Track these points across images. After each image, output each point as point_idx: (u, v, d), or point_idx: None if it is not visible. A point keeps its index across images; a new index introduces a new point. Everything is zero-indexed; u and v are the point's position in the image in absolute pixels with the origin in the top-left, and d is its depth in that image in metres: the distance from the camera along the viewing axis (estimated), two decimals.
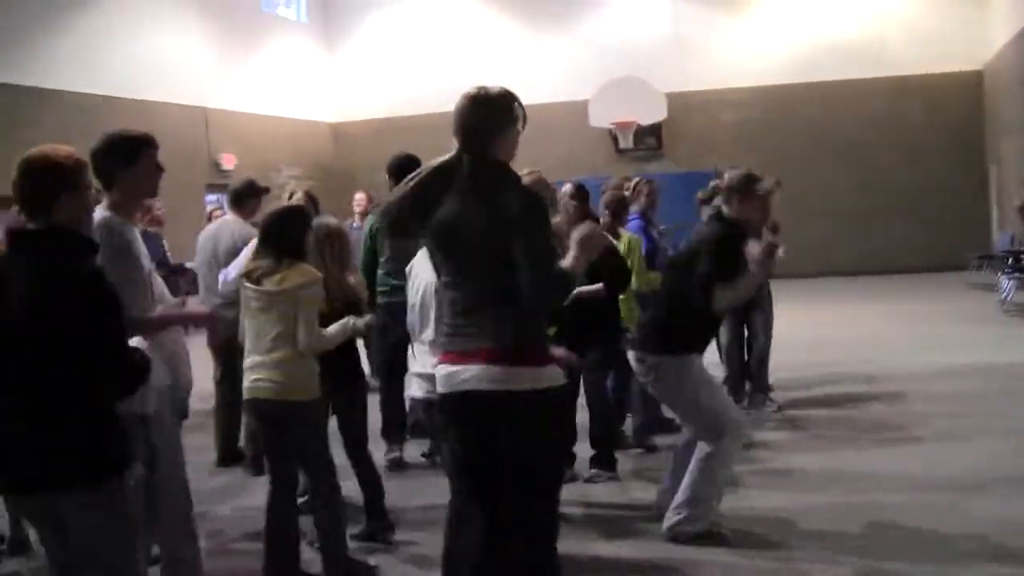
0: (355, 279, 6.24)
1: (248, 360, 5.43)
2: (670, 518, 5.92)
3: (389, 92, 23.51)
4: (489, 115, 3.90)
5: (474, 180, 3.85)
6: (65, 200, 3.57)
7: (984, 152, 21.07)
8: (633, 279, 7.53)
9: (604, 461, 7.28)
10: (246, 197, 8.20)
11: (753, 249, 5.63)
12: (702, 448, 5.87)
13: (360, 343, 6.26)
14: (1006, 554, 5.40)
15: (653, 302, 6.35)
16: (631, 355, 6.13)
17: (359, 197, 10.89)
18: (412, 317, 5.38)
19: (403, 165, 7.84)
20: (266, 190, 8.36)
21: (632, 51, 21.76)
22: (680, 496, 5.90)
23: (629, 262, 7.54)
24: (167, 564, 4.94)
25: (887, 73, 21.00)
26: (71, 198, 3.58)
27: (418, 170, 3.98)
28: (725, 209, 5.98)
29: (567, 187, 7.38)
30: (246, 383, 5.42)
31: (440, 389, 3.95)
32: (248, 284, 5.40)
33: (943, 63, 20.88)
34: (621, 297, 7.40)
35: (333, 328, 5.53)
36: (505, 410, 3.81)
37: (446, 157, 3.93)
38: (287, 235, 5.42)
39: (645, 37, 22.21)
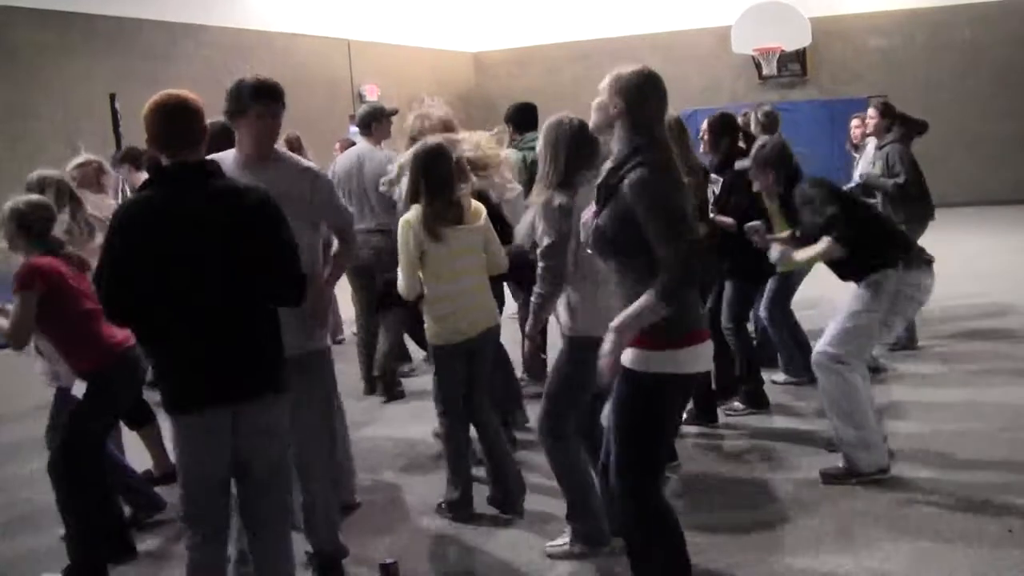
0: None
1: (452, 303, 5.45)
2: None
3: (530, 20, 23.36)
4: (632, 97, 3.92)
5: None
6: None
7: None
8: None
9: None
10: (374, 122, 8.34)
11: None
12: (823, 384, 5.83)
13: None
14: None
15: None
16: None
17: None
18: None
19: (526, 110, 8.00)
20: (394, 112, 8.44)
21: None
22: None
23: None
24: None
25: None
26: None
27: None
28: None
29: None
30: (453, 326, 5.46)
31: None
32: (444, 226, 5.34)
33: None
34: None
35: None
36: None
37: None
38: (451, 171, 5.42)
39: None
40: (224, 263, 3.77)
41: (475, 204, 5.53)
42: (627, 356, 3.85)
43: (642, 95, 3.89)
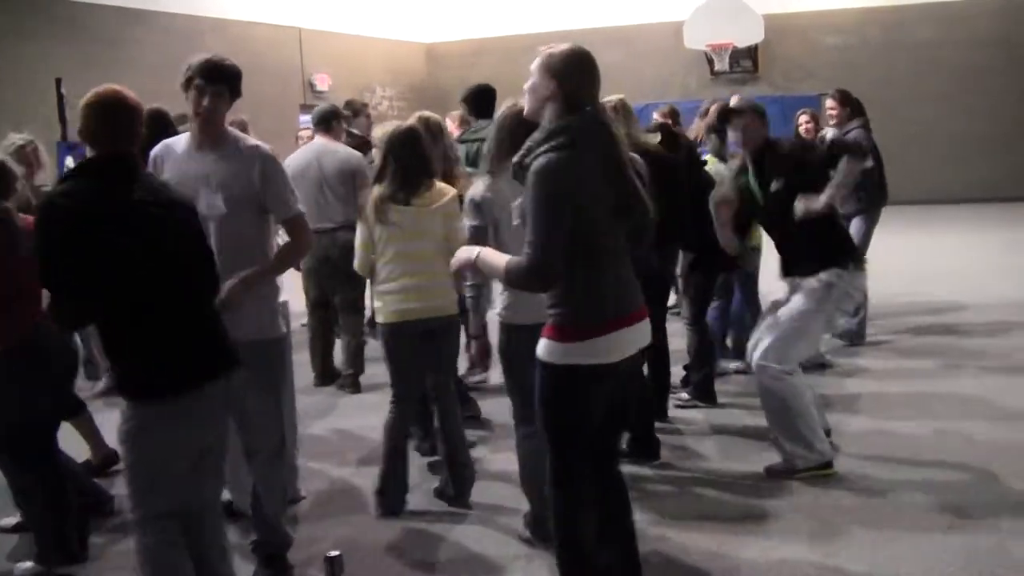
0: None
1: (396, 283, 5.44)
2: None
3: (483, 11, 23.32)
4: None
5: None
6: None
7: None
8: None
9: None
10: (334, 121, 8.35)
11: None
12: (765, 386, 5.81)
13: None
14: None
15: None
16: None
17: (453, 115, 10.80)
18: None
19: (483, 94, 7.94)
20: (348, 115, 8.51)
21: None
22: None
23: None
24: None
25: None
26: None
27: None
28: None
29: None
30: (396, 306, 5.44)
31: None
32: (396, 206, 5.40)
33: None
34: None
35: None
36: None
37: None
38: (420, 156, 5.47)
39: None
40: (170, 252, 3.75)
41: (441, 188, 5.53)
42: (541, 347, 3.82)
43: (571, 73, 3.77)
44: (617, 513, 4.09)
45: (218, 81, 4.49)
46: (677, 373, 7.43)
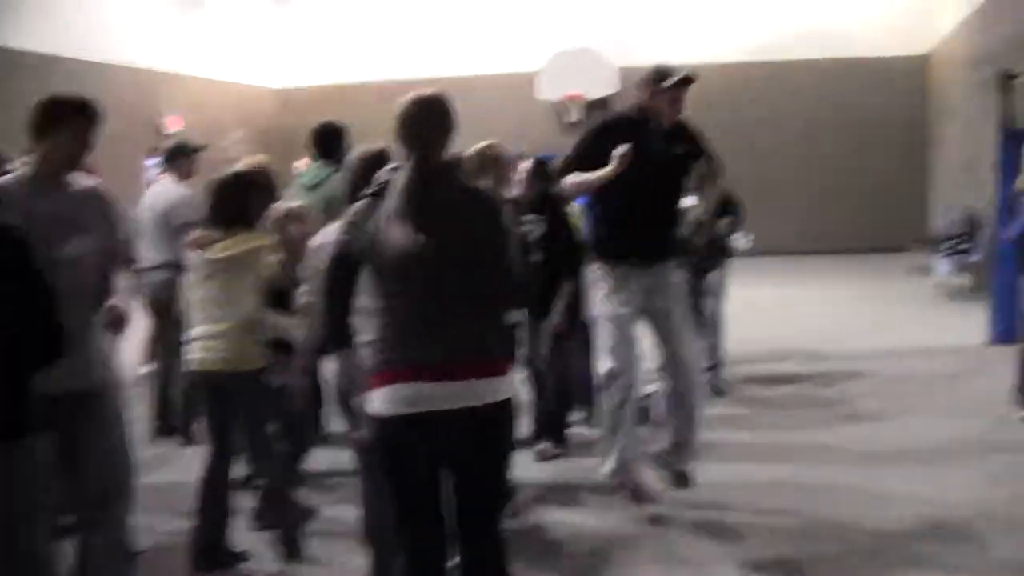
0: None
1: (193, 331, 5.32)
2: None
3: (336, 58, 23.21)
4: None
5: None
6: None
7: (927, 136, 21.16)
8: None
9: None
10: (178, 157, 8.26)
11: None
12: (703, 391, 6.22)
13: None
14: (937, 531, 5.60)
15: None
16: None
17: (301, 164, 10.67)
18: None
19: (327, 134, 7.82)
20: (197, 149, 8.38)
21: (584, 22, 21.61)
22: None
23: None
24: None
25: (838, 55, 21.00)
26: None
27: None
28: None
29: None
30: (190, 354, 5.31)
31: None
32: (194, 252, 5.29)
33: (891, 47, 20.96)
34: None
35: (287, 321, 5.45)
36: None
37: None
38: (233, 202, 5.32)
39: (598, 7, 22.00)
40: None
41: (247, 238, 5.29)
42: None
43: (404, 119, 3.79)
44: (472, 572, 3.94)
45: (94, 119, 4.37)
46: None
